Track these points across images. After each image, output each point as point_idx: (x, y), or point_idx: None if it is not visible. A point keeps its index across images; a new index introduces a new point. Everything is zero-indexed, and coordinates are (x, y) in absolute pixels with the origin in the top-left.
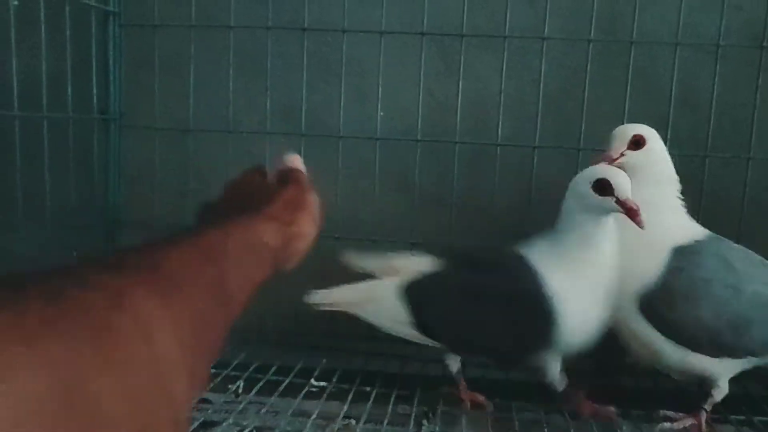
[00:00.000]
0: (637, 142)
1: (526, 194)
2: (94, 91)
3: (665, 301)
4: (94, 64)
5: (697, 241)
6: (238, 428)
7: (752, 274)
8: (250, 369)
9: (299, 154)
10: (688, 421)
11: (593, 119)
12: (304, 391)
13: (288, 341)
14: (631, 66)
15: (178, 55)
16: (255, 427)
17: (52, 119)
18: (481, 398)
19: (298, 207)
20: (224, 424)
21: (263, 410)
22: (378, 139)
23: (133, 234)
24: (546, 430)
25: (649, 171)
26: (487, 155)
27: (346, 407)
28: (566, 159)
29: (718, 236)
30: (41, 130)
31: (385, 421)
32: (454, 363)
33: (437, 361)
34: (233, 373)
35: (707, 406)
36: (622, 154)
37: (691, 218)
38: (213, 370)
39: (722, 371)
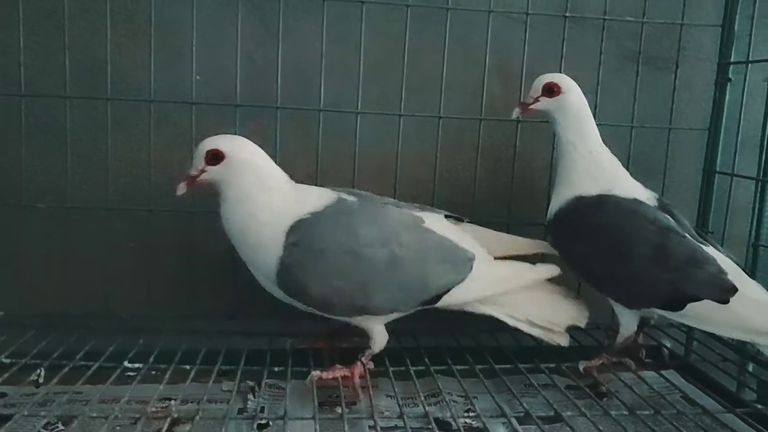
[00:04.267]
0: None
1: (350, 159)
2: None
3: (290, 276)
4: None
5: (313, 213)
6: (36, 419)
7: (375, 237)
8: (53, 356)
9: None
10: (341, 372)
11: (413, 86)
12: (114, 375)
13: (97, 326)
14: (447, 33)
15: None
16: (56, 416)
17: None
18: None
19: None
20: (16, 416)
21: (65, 398)
22: (194, 104)
23: None
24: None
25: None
26: (311, 120)
27: (161, 387)
28: (387, 124)
29: (345, 201)
30: None
31: (205, 399)
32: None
33: (262, 334)
34: (33, 361)
35: (364, 358)
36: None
37: (322, 189)
38: (9, 360)
39: (370, 325)
